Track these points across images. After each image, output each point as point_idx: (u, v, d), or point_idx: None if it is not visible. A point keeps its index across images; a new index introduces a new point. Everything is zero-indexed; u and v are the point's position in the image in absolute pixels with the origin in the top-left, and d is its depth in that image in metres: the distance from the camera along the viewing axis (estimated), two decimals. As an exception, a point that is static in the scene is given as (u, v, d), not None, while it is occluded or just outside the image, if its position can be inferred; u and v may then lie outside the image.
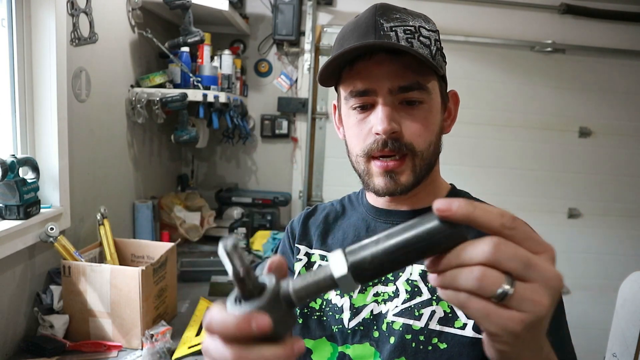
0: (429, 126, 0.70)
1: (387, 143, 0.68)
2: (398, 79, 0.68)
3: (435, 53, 0.69)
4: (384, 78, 0.68)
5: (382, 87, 0.68)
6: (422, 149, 0.70)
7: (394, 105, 0.69)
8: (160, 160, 2.41)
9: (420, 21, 0.70)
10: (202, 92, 2.04)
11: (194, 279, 1.84)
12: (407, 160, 0.70)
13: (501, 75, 2.77)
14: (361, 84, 0.69)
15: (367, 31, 0.68)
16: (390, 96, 0.68)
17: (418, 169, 0.71)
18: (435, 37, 0.71)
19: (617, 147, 2.84)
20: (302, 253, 0.86)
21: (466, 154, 2.79)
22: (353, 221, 0.83)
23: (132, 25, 1.95)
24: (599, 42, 2.73)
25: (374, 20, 0.68)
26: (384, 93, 0.68)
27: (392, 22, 0.68)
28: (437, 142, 0.73)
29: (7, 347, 1.27)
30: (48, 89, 1.40)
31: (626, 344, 1.17)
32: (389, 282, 0.74)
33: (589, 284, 2.85)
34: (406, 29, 0.67)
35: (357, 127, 0.72)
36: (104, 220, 1.55)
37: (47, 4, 1.37)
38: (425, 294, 0.70)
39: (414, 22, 0.69)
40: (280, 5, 2.55)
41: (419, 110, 0.69)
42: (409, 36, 0.67)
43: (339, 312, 0.76)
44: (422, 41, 0.68)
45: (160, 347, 1.26)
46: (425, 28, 0.69)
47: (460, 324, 0.67)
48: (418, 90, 0.68)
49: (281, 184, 2.83)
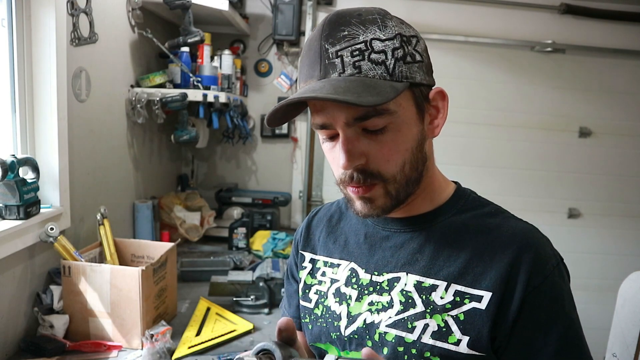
0: (399, 147, 0.66)
1: (354, 176, 0.66)
2: (350, 111, 0.63)
3: (395, 66, 0.63)
4: (338, 111, 0.64)
5: (337, 121, 0.64)
6: (393, 173, 0.67)
7: (357, 134, 0.65)
8: (160, 160, 2.41)
9: (374, 30, 0.63)
10: (202, 92, 2.04)
11: (194, 279, 1.84)
12: (377, 187, 0.67)
13: (501, 75, 2.77)
14: (319, 118, 0.66)
15: (314, 60, 0.64)
16: (348, 128, 0.64)
17: (394, 193, 0.68)
18: (394, 45, 0.63)
19: (617, 147, 2.84)
20: (307, 260, 0.86)
21: (466, 154, 2.79)
22: (354, 225, 0.83)
23: (132, 25, 1.95)
24: (599, 42, 2.73)
25: (319, 46, 0.64)
26: (342, 125, 0.64)
27: (338, 45, 0.63)
28: (414, 157, 0.68)
29: (7, 347, 1.27)
30: (48, 89, 1.40)
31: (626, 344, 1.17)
32: (384, 292, 0.72)
33: (589, 284, 2.85)
34: (354, 50, 0.62)
35: (329, 155, 0.71)
36: (104, 220, 1.55)
37: (47, 4, 1.37)
38: (419, 306, 0.68)
39: (365, 36, 0.63)
40: (280, 5, 2.55)
41: (385, 135, 0.65)
42: (357, 59, 0.62)
43: (337, 319, 0.76)
44: (373, 59, 0.62)
45: (160, 347, 1.26)
46: (379, 39, 0.63)
47: (455, 339, 0.65)
48: (377, 117, 0.63)
49: (281, 184, 2.83)
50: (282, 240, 2.22)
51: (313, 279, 0.83)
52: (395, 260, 0.74)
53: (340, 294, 0.77)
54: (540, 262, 0.66)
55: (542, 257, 0.67)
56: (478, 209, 0.74)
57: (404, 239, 0.74)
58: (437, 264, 0.70)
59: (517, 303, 0.64)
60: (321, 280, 0.81)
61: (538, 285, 0.65)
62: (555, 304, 0.66)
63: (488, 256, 0.67)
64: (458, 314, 0.66)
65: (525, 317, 0.64)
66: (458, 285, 0.67)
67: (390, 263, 0.74)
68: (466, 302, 0.66)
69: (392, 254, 0.74)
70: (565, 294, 0.68)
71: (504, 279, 0.65)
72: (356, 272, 0.77)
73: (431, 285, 0.69)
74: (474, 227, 0.71)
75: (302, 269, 0.86)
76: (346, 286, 0.77)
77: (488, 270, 0.66)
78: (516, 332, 0.65)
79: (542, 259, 0.66)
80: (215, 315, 1.53)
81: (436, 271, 0.69)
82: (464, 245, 0.70)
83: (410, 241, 0.74)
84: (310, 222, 0.90)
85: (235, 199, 2.59)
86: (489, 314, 0.64)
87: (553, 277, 0.66)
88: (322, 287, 0.81)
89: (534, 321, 0.65)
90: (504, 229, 0.70)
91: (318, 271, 0.83)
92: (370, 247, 0.77)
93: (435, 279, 0.69)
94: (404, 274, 0.72)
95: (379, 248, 0.76)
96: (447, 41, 2.69)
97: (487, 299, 0.65)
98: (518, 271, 0.65)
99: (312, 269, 0.84)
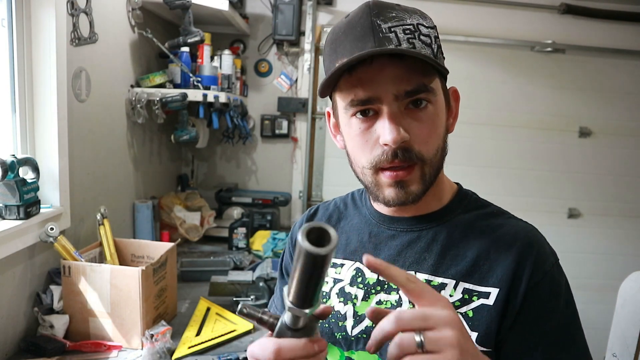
0: (436, 130, 0.68)
1: (397, 154, 0.65)
2: (404, 84, 0.63)
3: (437, 51, 0.67)
4: (389, 84, 0.63)
5: (387, 94, 0.64)
6: (431, 156, 0.67)
7: (400, 111, 0.65)
8: (160, 160, 2.41)
9: (418, 18, 0.66)
10: (202, 92, 2.04)
11: (194, 279, 1.84)
12: (416, 168, 0.67)
13: (501, 75, 2.77)
14: (363, 92, 0.64)
15: (363, 34, 0.63)
16: (396, 102, 0.64)
17: (427, 177, 0.68)
18: (435, 34, 0.67)
19: (617, 147, 2.84)
20: None
21: (466, 154, 2.79)
22: (356, 224, 0.82)
23: (132, 25, 1.95)
24: (599, 42, 2.72)
25: (370, 22, 0.64)
26: (390, 100, 0.64)
27: (389, 22, 0.63)
28: (443, 145, 0.70)
29: (7, 347, 1.27)
30: (48, 89, 1.40)
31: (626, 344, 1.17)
32: (392, 291, 0.73)
33: (589, 284, 2.85)
34: (405, 28, 0.63)
35: (361, 137, 0.68)
36: (104, 220, 1.55)
37: (47, 4, 1.37)
38: None
39: (411, 20, 0.65)
40: (280, 5, 2.55)
41: (426, 114, 0.66)
42: (409, 36, 0.63)
43: (342, 320, 0.75)
44: (423, 40, 0.64)
45: (160, 347, 1.26)
46: (424, 25, 0.66)
47: None
48: (424, 93, 0.65)
49: (281, 184, 2.83)
50: (282, 240, 2.22)
51: None
52: (402, 259, 0.74)
53: (344, 294, 0.77)
54: (541, 259, 0.68)
55: (543, 255, 0.69)
56: (480, 209, 0.76)
57: (411, 237, 0.75)
58: (445, 262, 0.71)
59: (520, 298, 0.66)
60: None
61: (539, 281, 0.67)
62: (554, 299, 0.68)
63: (494, 254, 0.69)
64: (467, 311, 0.67)
65: (525, 311, 0.66)
66: (466, 283, 0.68)
67: (398, 262, 0.74)
68: (474, 299, 0.67)
69: (398, 253, 0.74)
70: (563, 289, 0.69)
71: (510, 275, 0.67)
72: (362, 271, 0.77)
73: (440, 284, 0.69)
74: (478, 227, 0.73)
75: None
76: (351, 286, 0.76)
77: (494, 268, 0.68)
78: (516, 326, 0.66)
79: (542, 256, 0.69)
80: (215, 315, 1.53)
81: (444, 270, 0.70)
82: (470, 244, 0.71)
83: (417, 240, 0.74)
84: (309, 220, 0.90)
85: (235, 199, 2.59)
86: (496, 310, 0.66)
87: (552, 273, 0.68)
88: (325, 288, 0.80)
89: (532, 315, 0.67)
90: (507, 228, 0.72)
91: None
92: (375, 246, 0.77)
93: (444, 278, 0.70)
94: (412, 272, 0.72)
95: (385, 247, 0.76)
96: (447, 41, 2.67)
97: (495, 295, 0.67)
98: (523, 268, 0.67)
99: None
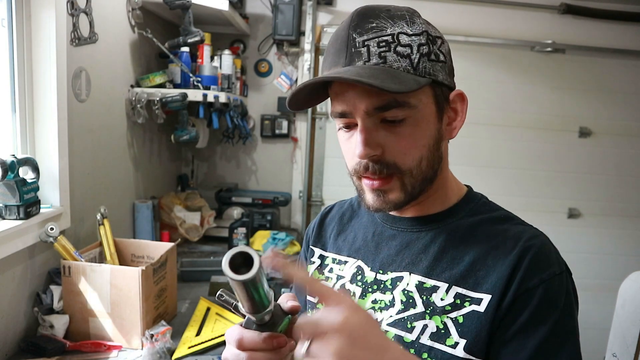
0: (416, 142, 0.67)
1: (369, 166, 0.66)
2: (372, 100, 0.63)
3: (419, 61, 0.64)
4: (359, 99, 0.64)
5: (358, 109, 0.65)
6: (410, 167, 0.67)
7: (375, 125, 0.65)
8: (160, 160, 2.41)
9: (402, 25, 0.64)
10: (202, 92, 2.04)
11: (194, 279, 1.84)
12: (394, 179, 0.67)
13: (501, 75, 2.77)
14: (339, 106, 0.67)
15: (339, 48, 0.65)
16: (368, 117, 0.65)
17: (409, 187, 0.68)
18: (420, 41, 0.65)
19: (617, 147, 2.84)
20: (315, 255, 0.87)
21: (466, 154, 2.79)
22: (364, 222, 0.83)
23: (132, 25, 1.95)
24: (599, 42, 2.73)
25: (346, 35, 0.65)
26: (362, 115, 0.65)
27: (365, 35, 0.64)
28: (432, 154, 0.69)
29: (7, 347, 1.27)
30: (48, 89, 1.40)
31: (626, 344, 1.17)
32: (387, 291, 0.72)
33: (589, 284, 2.84)
34: (381, 41, 0.63)
35: (345, 145, 0.71)
36: (104, 220, 1.55)
37: (47, 4, 1.37)
38: (419, 307, 0.68)
39: (392, 30, 0.64)
40: (280, 5, 2.55)
41: (403, 127, 0.65)
42: (382, 49, 0.63)
43: None
44: (399, 52, 0.63)
45: (160, 347, 1.26)
46: (406, 34, 0.64)
47: (452, 342, 0.64)
48: (397, 108, 0.64)
49: (281, 184, 2.83)
50: (282, 240, 2.22)
51: (320, 275, 0.84)
52: (400, 259, 0.74)
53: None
54: (537, 266, 0.64)
55: (542, 262, 0.65)
56: (487, 213, 0.74)
57: (410, 238, 0.75)
58: (440, 265, 0.70)
59: (507, 303, 0.63)
60: (328, 277, 0.82)
61: (531, 287, 0.63)
62: (545, 310, 0.63)
63: (491, 260, 0.67)
64: (457, 317, 0.65)
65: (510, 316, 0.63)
66: (459, 287, 0.67)
67: (395, 262, 0.74)
68: (466, 305, 0.66)
69: (397, 253, 0.75)
70: (562, 303, 0.64)
71: (504, 281, 0.64)
72: (362, 269, 0.77)
73: (432, 286, 0.69)
74: (480, 231, 0.71)
75: (310, 263, 0.87)
76: (351, 283, 0.77)
77: (490, 274, 0.66)
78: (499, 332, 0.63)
79: (540, 263, 0.65)
80: (215, 315, 1.53)
81: (438, 272, 0.69)
82: (468, 248, 0.69)
83: (416, 241, 0.74)
84: (323, 218, 0.91)
85: (235, 199, 2.59)
86: (487, 317, 0.64)
87: (551, 283, 0.64)
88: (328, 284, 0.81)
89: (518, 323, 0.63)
90: (510, 234, 0.69)
91: (326, 267, 0.83)
92: (377, 245, 0.78)
93: (437, 280, 0.69)
94: (407, 273, 0.72)
95: (385, 246, 0.76)
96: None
97: (486, 302, 0.64)
98: (516, 273, 0.64)
99: (321, 265, 0.85)
